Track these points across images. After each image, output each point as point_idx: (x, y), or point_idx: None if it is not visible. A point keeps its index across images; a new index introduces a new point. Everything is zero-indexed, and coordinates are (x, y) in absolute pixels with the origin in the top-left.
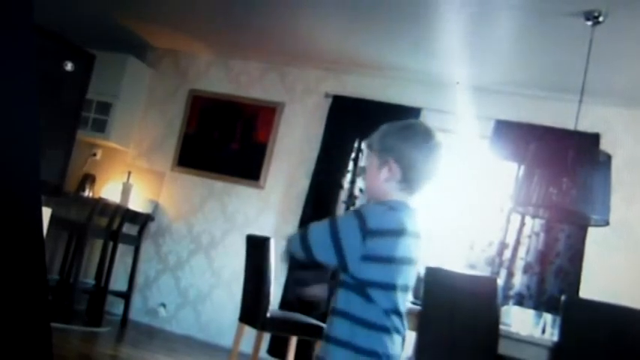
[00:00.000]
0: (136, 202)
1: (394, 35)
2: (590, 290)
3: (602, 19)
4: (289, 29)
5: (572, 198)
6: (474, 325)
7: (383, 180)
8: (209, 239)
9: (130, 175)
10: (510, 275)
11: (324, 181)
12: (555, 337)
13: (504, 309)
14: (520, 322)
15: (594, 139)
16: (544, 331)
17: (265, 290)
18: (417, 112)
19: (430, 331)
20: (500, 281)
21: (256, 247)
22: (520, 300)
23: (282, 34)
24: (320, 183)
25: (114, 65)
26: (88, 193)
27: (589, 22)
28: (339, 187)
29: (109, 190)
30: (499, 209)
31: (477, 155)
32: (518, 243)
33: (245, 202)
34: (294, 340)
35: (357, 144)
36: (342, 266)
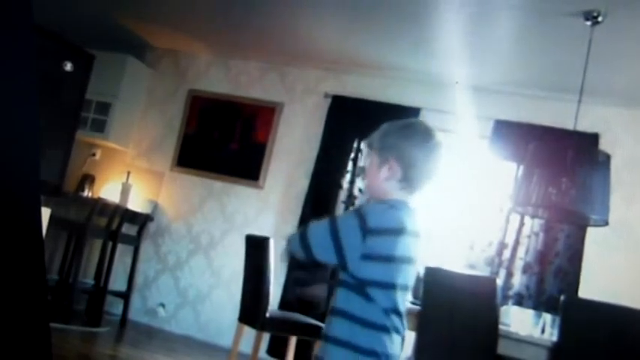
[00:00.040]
0: (136, 202)
1: (394, 35)
2: (590, 290)
3: (601, 19)
4: (289, 29)
5: (572, 198)
6: (473, 325)
7: (383, 179)
8: (208, 239)
9: (130, 175)
10: (510, 275)
11: (323, 181)
12: (555, 337)
13: (504, 309)
14: (519, 322)
15: (593, 139)
16: (543, 331)
17: (265, 290)
18: (416, 112)
19: (430, 331)
20: (500, 281)
21: (256, 247)
22: (519, 300)
23: (281, 34)
24: (319, 183)
25: (113, 65)
26: (87, 193)
27: (588, 22)
28: (338, 187)
29: (108, 190)
30: (498, 209)
31: (477, 155)
32: (517, 243)
33: (244, 202)
34: (293, 340)
35: (356, 144)
36: (342, 265)
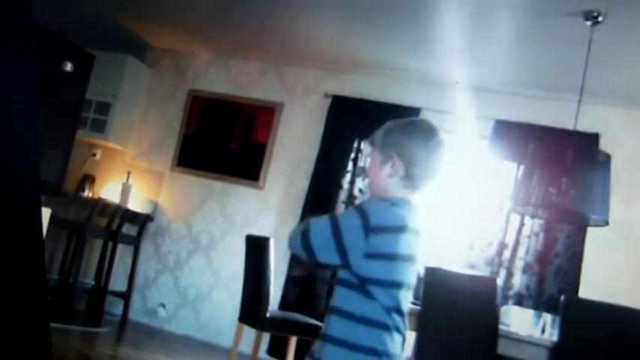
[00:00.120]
0: (136, 203)
1: (394, 35)
2: (590, 290)
3: (601, 19)
4: (289, 29)
5: (572, 198)
6: (473, 325)
7: (386, 176)
8: (208, 239)
9: (130, 176)
10: (510, 275)
11: (323, 182)
12: (555, 337)
13: (504, 309)
14: (519, 322)
15: (594, 139)
16: (543, 331)
17: (265, 290)
18: (416, 112)
19: (430, 331)
20: (500, 281)
21: (256, 248)
22: (519, 300)
23: (281, 34)
24: (319, 183)
25: (113, 65)
26: (87, 193)
27: (588, 22)
28: (338, 187)
29: (108, 191)
30: (498, 209)
31: (477, 155)
32: (517, 243)
33: (244, 203)
34: (293, 340)
35: (356, 144)
36: (345, 265)
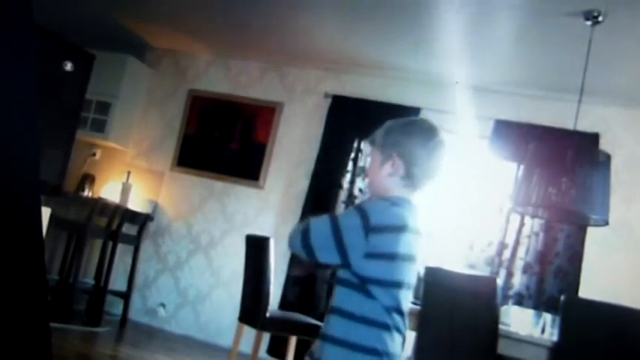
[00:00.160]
0: (136, 202)
1: (394, 35)
2: (590, 290)
3: (601, 18)
4: (289, 29)
5: (572, 198)
6: (473, 325)
7: (386, 175)
8: (208, 239)
9: (130, 175)
10: (510, 275)
11: (323, 181)
12: (555, 337)
13: (504, 309)
14: (519, 321)
15: (594, 139)
16: (543, 331)
17: (265, 290)
18: (416, 112)
19: (430, 331)
20: (500, 281)
21: (256, 247)
22: (519, 300)
23: (281, 34)
24: (319, 183)
25: (113, 65)
26: (87, 193)
27: (588, 22)
28: (338, 187)
29: (108, 190)
30: (498, 209)
31: (477, 155)
32: (517, 243)
33: (244, 202)
34: (293, 340)
35: (356, 144)
36: (345, 265)
